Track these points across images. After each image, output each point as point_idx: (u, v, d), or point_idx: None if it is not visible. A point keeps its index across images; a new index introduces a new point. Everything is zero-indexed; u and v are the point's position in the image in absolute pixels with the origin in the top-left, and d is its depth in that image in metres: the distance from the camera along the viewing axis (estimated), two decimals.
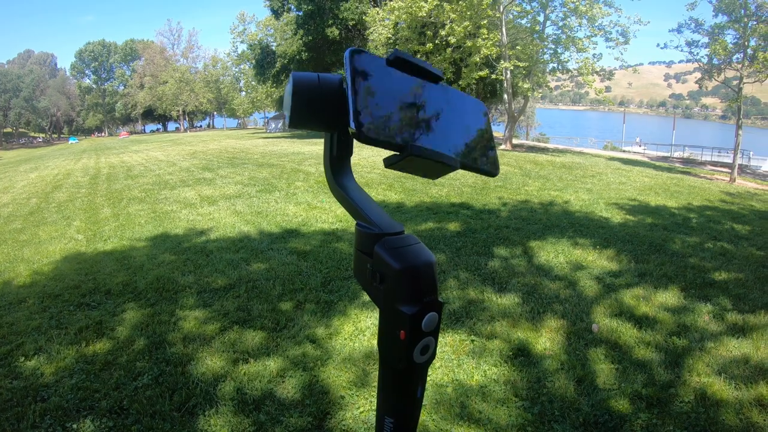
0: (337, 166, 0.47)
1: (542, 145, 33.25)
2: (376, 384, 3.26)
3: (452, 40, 20.27)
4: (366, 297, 4.11)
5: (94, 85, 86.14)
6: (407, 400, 0.44)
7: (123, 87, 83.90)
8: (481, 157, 0.48)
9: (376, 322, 3.62)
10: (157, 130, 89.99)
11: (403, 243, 0.42)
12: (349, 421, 2.58)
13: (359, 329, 3.61)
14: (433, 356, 0.43)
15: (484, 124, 0.49)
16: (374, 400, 2.71)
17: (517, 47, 20.67)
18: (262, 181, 11.62)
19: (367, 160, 15.03)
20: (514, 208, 8.13)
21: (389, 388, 0.44)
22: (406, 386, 0.44)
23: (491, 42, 19.86)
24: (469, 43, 20.18)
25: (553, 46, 21.88)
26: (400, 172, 0.45)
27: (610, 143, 40.15)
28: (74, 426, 2.61)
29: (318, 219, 7.30)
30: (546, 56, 22.21)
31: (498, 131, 32.15)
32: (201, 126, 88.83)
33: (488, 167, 0.48)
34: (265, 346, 3.40)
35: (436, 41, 21.85)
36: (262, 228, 6.85)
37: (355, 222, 0.46)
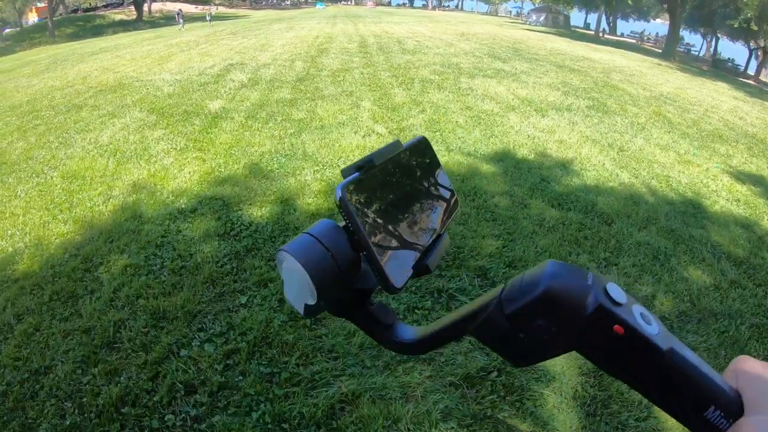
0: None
1: None
2: None
3: None
4: None
5: None
6: (692, 372, 0.32)
7: None
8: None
9: None
10: (403, 4, 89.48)
11: None
12: None
13: None
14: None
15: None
16: None
17: None
18: (582, 92, 8.77)
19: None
20: None
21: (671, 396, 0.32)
22: (683, 367, 0.32)
23: None
24: None
25: None
26: None
27: None
28: None
29: (719, 186, 4.71)
30: None
31: None
32: (448, 6, 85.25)
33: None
34: None
35: None
36: (647, 182, 4.50)
37: None
